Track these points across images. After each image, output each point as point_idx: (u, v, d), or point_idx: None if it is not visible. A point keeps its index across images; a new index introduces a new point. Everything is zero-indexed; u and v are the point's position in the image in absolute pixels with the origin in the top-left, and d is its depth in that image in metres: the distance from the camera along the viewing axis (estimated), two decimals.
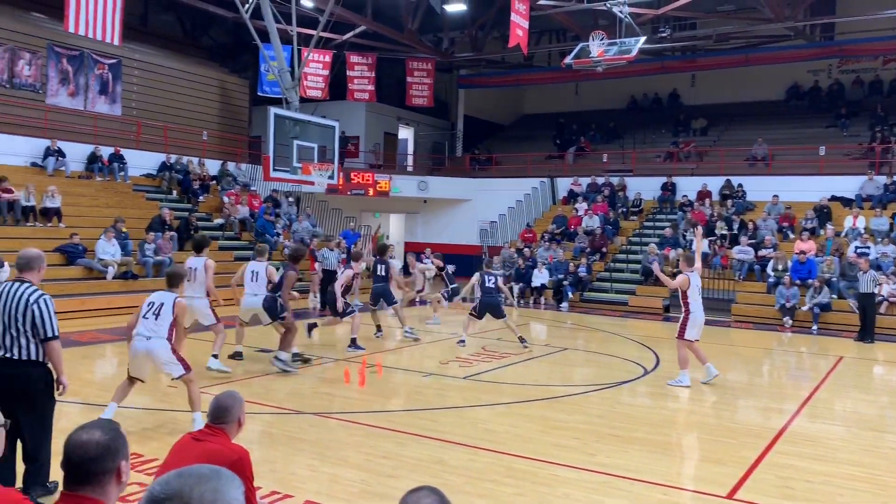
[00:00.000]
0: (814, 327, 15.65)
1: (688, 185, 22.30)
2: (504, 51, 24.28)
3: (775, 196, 20.12)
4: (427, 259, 16.91)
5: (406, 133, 29.77)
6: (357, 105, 26.18)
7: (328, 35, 20.91)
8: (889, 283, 15.63)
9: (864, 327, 14.29)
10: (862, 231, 17.95)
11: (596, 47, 17.14)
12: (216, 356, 9.15)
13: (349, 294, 11.74)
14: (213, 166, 21.94)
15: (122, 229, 16.08)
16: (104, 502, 2.10)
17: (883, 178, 19.77)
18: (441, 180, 26.51)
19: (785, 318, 15.95)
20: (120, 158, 19.34)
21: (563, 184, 24.84)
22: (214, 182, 21.40)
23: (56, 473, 4.28)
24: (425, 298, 16.14)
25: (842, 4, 23.74)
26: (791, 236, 18.89)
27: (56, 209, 16.05)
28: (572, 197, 23.90)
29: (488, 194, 25.75)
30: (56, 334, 4.78)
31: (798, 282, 16.35)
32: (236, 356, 10.06)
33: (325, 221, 24.42)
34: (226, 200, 20.33)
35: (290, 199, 22.81)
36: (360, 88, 24.90)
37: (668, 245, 19.09)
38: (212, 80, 23.84)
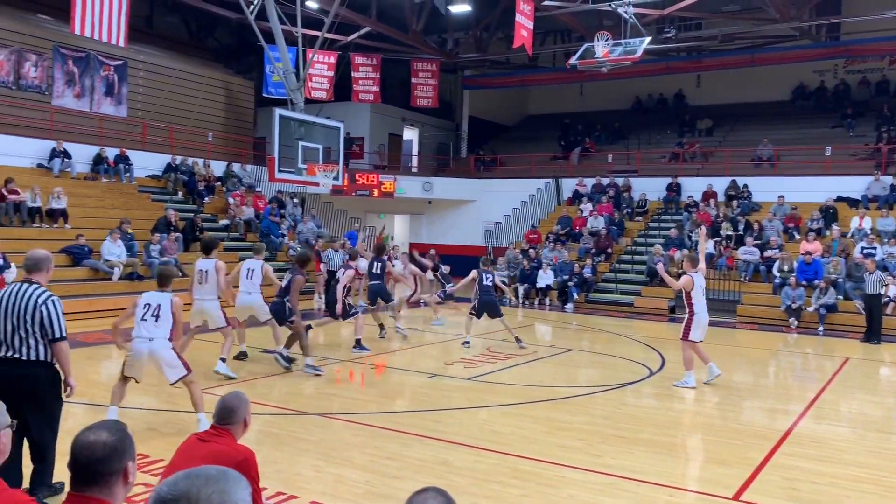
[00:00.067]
0: (820, 328, 15.62)
1: (693, 186, 22.24)
2: (509, 51, 24.26)
3: (781, 197, 20.06)
4: (424, 259, 16.88)
5: (411, 134, 29.80)
6: (362, 106, 26.21)
7: (333, 36, 20.95)
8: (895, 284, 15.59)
9: (871, 328, 14.25)
10: (868, 232, 17.90)
11: (601, 48, 17.10)
12: (224, 360, 9.05)
13: (352, 294, 11.73)
14: (219, 167, 22.00)
15: (128, 230, 16.14)
16: (111, 503, 2.11)
17: (889, 179, 19.69)
18: (446, 181, 26.51)
19: (791, 319, 15.91)
20: (125, 160, 19.39)
21: (568, 184, 24.80)
22: (219, 183, 21.45)
23: (61, 474, 4.30)
24: (425, 300, 16.11)
25: (847, 4, 23.66)
26: (797, 237, 18.82)
27: (62, 210, 16.10)
28: (577, 198, 23.88)
29: (493, 195, 25.75)
30: (64, 335, 4.80)
31: (804, 283, 16.30)
32: (241, 356, 10.07)
33: (330, 222, 24.48)
34: (231, 201, 20.36)
35: (295, 200, 22.85)
36: (365, 89, 24.92)
37: (674, 246, 19.03)
38: (217, 82, 23.89)
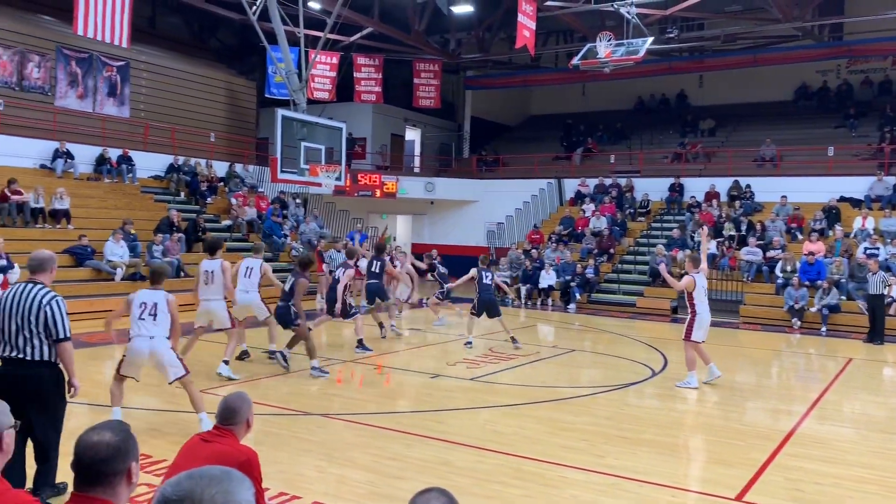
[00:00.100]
0: (823, 329, 15.60)
1: (696, 186, 22.23)
2: (511, 52, 24.24)
3: (784, 197, 20.04)
4: (420, 262, 16.82)
5: (413, 134, 29.80)
6: (364, 106, 26.21)
7: (335, 37, 20.97)
8: None
9: (874, 329, 14.22)
10: (871, 232, 17.87)
11: (603, 48, 17.10)
12: (227, 362, 9.02)
13: (353, 295, 11.72)
14: (221, 168, 22.01)
15: (131, 231, 16.16)
16: (114, 503, 2.11)
17: (892, 179, 19.66)
18: (448, 181, 26.51)
19: (794, 320, 15.88)
20: (128, 160, 19.42)
21: (571, 185, 24.79)
22: (222, 184, 21.47)
23: (65, 474, 4.31)
24: (425, 301, 16.11)
25: (850, 4, 23.63)
26: (800, 237, 18.80)
27: (65, 211, 16.13)
28: (579, 198, 23.87)
29: (495, 195, 25.74)
30: (68, 335, 4.80)
31: (807, 283, 16.28)
32: (242, 356, 10.08)
33: (333, 223, 24.49)
34: (233, 202, 20.38)
35: (298, 201, 22.86)
36: (368, 90, 24.92)
37: (676, 246, 19.02)
38: (219, 82, 23.91)
